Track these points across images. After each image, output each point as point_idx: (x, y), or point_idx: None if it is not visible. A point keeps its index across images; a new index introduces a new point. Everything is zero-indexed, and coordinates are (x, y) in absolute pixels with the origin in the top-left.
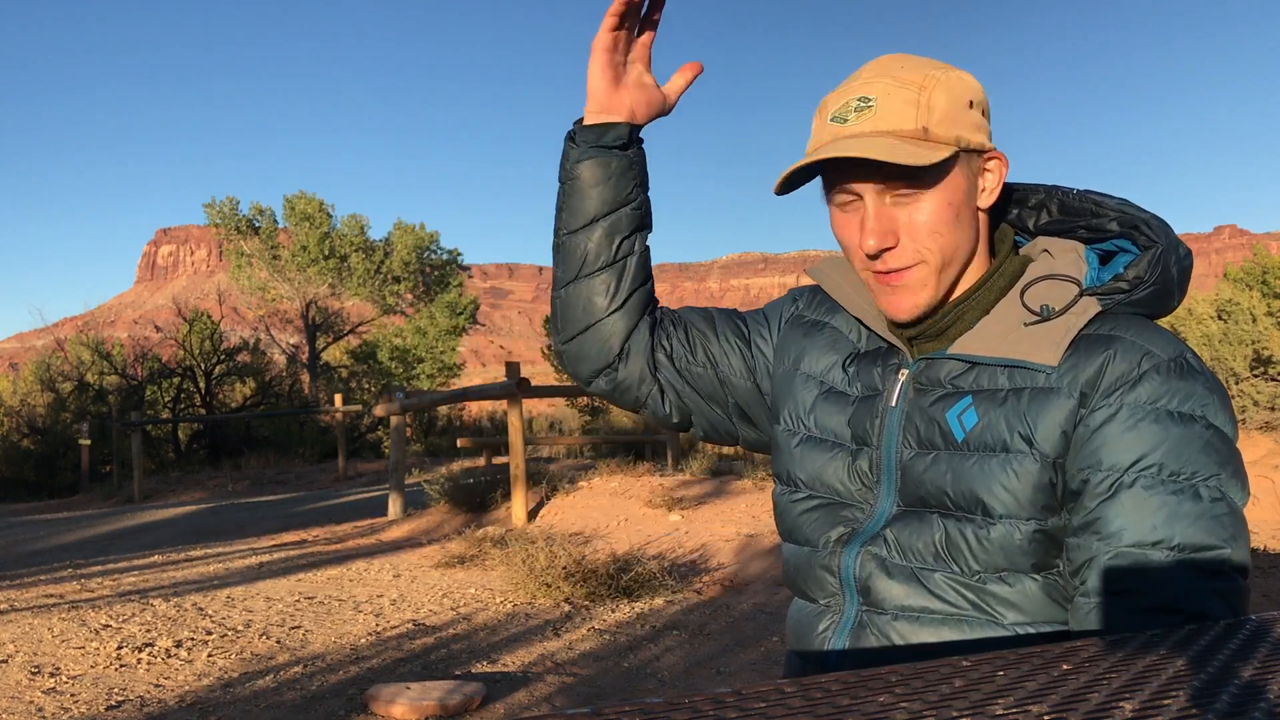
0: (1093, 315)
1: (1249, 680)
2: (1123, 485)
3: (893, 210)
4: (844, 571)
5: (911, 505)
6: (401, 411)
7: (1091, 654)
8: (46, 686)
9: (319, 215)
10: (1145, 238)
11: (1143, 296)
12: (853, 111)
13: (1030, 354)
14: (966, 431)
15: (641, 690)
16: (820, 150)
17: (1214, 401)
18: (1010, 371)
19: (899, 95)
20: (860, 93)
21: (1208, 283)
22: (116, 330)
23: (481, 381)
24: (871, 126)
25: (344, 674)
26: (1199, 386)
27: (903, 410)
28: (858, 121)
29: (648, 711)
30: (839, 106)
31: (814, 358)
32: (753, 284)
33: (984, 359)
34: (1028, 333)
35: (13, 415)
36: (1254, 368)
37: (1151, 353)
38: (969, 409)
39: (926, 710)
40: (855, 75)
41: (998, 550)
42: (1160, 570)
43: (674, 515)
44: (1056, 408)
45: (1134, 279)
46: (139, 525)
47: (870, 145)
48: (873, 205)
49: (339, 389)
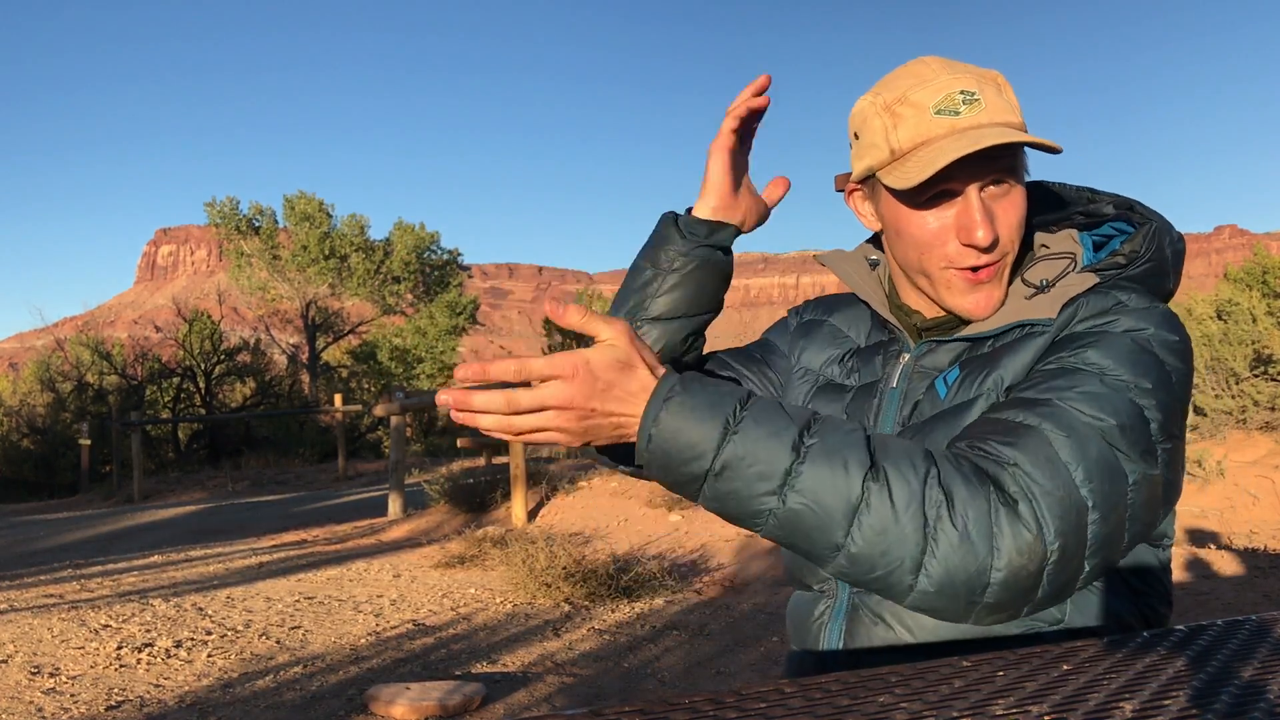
0: (1090, 286)
1: (1249, 680)
2: (1064, 369)
3: (991, 205)
4: None
5: None
6: (401, 411)
7: (1092, 654)
8: (46, 686)
9: (319, 215)
10: (1140, 216)
11: (1138, 272)
12: (962, 105)
13: (1028, 313)
14: (949, 388)
15: (641, 690)
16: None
17: (1180, 369)
18: (1000, 337)
19: (990, 90)
20: (960, 86)
21: (1208, 283)
22: (116, 330)
23: None
24: (989, 118)
25: (344, 674)
26: (1171, 344)
27: (901, 390)
28: (972, 114)
29: (648, 711)
30: (942, 99)
31: (811, 353)
32: (753, 284)
33: (988, 331)
34: (1028, 303)
35: (13, 415)
36: (1254, 368)
37: (1124, 303)
38: (954, 369)
39: (927, 710)
40: (922, 73)
41: None
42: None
43: (674, 515)
44: (1032, 347)
45: (1130, 253)
46: (139, 525)
47: (1009, 133)
48: (977, 199)
49: (339, 389)
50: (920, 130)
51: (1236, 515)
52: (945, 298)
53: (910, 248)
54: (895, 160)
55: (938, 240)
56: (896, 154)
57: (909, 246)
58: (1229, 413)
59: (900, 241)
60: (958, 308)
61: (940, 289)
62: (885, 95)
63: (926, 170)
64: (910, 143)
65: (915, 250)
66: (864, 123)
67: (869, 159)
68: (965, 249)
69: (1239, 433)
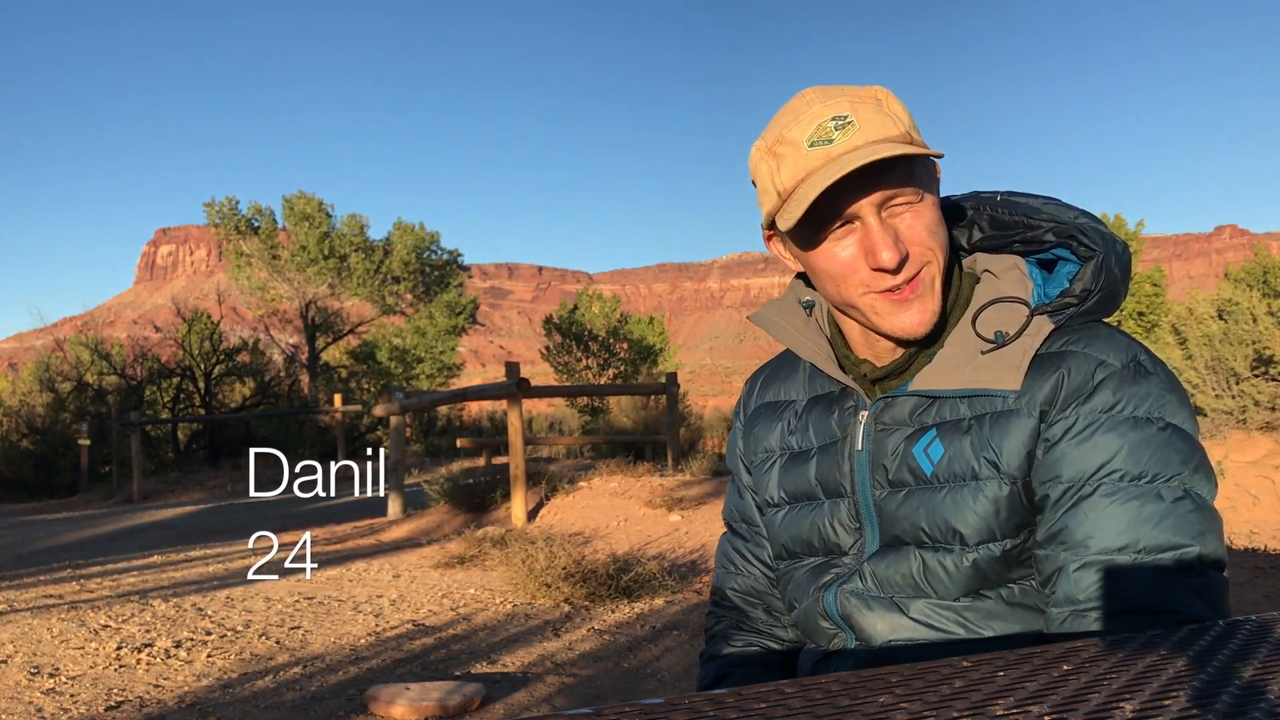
0: (1047, 334)
1: (1249, 680)
2: (1083, 495)
3: (893, 223)
4: (829, 611)
5: (889, 542)
6: (401, 411)
7: (1092, 654)
8: (46, 687)
9: (318, 215)
10: (1084, 247)
11: (1092, 305)
12: (835, 131)
13: (991, 381)
14: (934, 464)
15: (641, 690)
16: (836, 164)
17: (1170, 400)
18: (970, 400)
19: (867, 109)
20: (831, 113)
21: (1208, 283)
22: (116, 330)
23: (481, 381)
24: (864, 138)
25: (344, 674)
26: (1153, 387)
27: (870, 453)
28: (845, 139)
29: (648, 711)
30: (813, 131)
31: (765, 439)
32: (753, 284)
33: (946, 392)
34: (986, 360)
35: (12, 415)
36: (1254, 368)
37: (1105, 362)
38: (934, 441)
39: (927, 710)
40: (798, 107)
41: (975, 573)
42: (1129, 574)
43: (674, 515)
44: (1019, 428)
45: (1082, 291)
46: (138, 525)
47: (883, 149)
48: (876, 222)
49: (339, 389)
50: (799, 166)
51: (1237, 515)
52: (876, 323)
53: (828, 283)
54: (784, 202)
55: (849, 270)
56: (783, 195)
57: (826, 282)
58: (1229, 413)
59: (819, 280)
60: (892, 330)
61: (870, 316)
62: (768, 138)
63: (803, 205)
64: (792, 181)
65: (833, 284)
66: (755, 170)
67: (765, 205)
68: (877, 274)
69: (1239, 433)
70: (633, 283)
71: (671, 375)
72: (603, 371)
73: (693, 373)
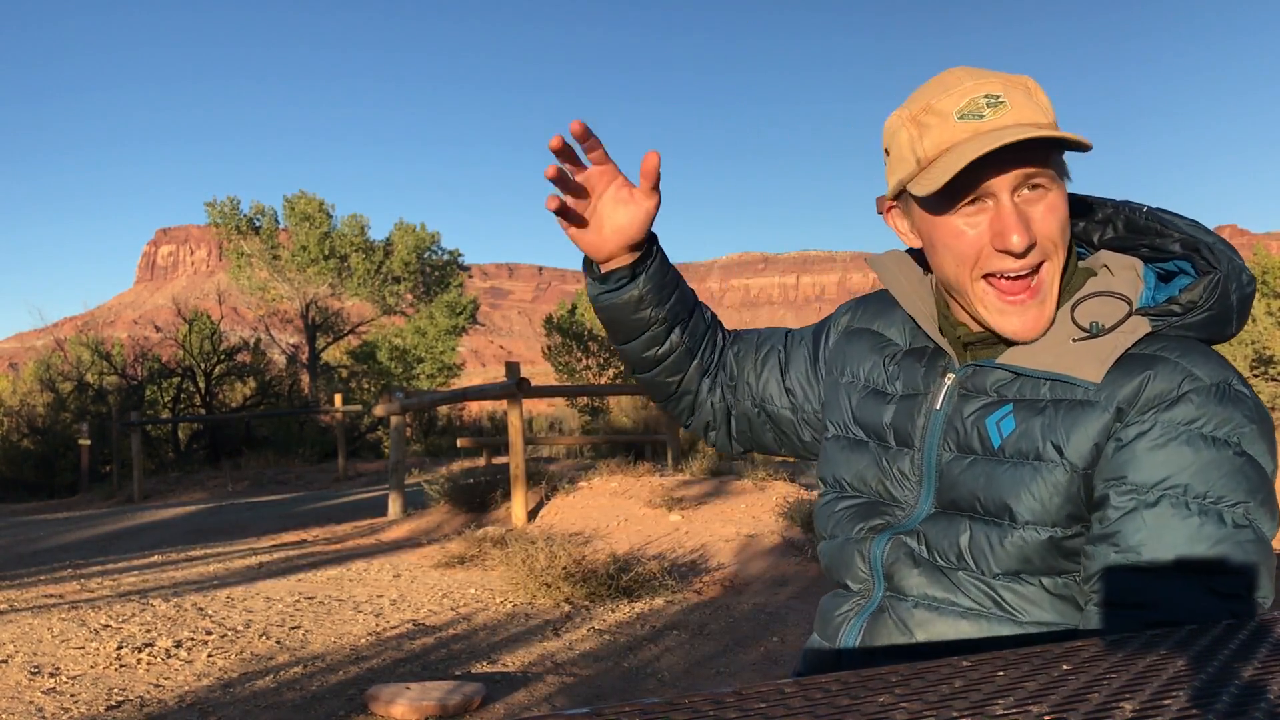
0: (1142, 335)
1: (1249, 680)
2: (1146, 502)
3: (1026, 210)
4: (873, 556)
5: (944, 507)
6: (401, 411)
7: (1092, 654)
8: (46, 686)
9: (319, 215)
10: (1205, 262)
11: (1196, 321)
12: (986, 108)
13: (1074, 369)
14: (1003, 438)
15: (641, 690)
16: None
17: (1252, 430)
18: (1052, 384)
19: (1018, 93)
20: (984, 91)
21: None
22: (116, 330)
23: (481, 381)
24: (1014, 119)
25: (344, 674)
26: (1238, 413)
27: (946, 414)
28: (996, 116)
29: (648, 711)
30: (965, 105)
31: (857, 363)
32: (753, 284)
33: (1029, 371)
34: (1075, 348)
35: (12, 415)
36: (1254, 368)
37: (1194, 375)
38: (1008, 416)
39: (926, 710)
40: (948, 81)
41: (1018, 554)
42: (1173, 587)
43: (674, 515)
44: (1092, 420)
45: (1187, 303)
46: (139, 525)
47: (1033, 130)
48: (1010, 202)
49: (339, 389)
50: (944, 136)
51: None
52: (983, 315)
53: (946, 259)
54: (922, 170)
55: (972, 248)
56: (923, 163)
57: (945, 257)
58: None
59: (936, 254)
60: (999, 329)
61: (977, 305)
62: (911, 107)
63: (948, 173)
64: (935, 150)
65: (951, 261)
66: (892, 137)
67: (899, 173)
68: (1000, 255)
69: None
70: None
71: None
72: (603, 371)
73: None
